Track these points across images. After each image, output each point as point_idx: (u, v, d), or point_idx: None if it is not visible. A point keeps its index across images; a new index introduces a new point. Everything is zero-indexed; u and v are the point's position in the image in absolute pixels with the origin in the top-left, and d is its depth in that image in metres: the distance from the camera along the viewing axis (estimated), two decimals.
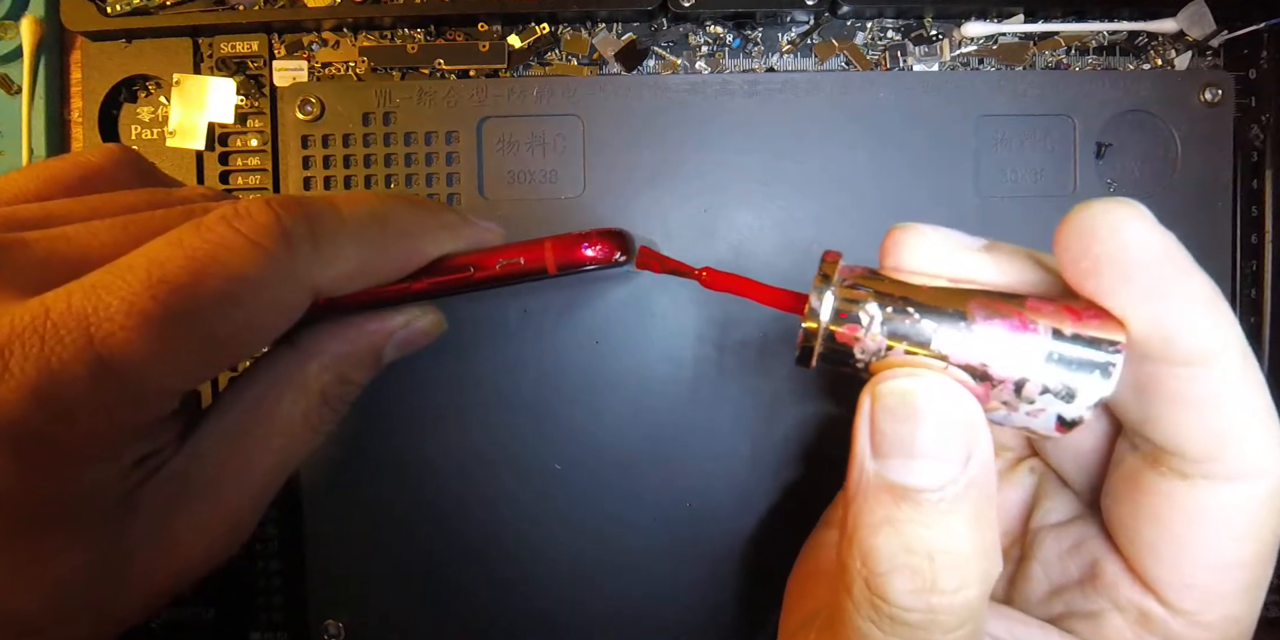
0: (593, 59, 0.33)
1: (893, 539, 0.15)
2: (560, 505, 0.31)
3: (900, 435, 0.15)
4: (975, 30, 0.32)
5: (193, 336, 0.17)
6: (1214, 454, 0.15)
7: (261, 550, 0.32)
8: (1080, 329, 0.15)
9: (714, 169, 0.31)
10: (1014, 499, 0.21)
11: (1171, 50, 0.33)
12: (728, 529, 0.31)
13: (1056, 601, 0.19)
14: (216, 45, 0.32)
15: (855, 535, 0.15)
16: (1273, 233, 0.32)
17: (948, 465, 0.15)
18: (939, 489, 0.15)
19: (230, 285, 0.17)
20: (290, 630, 0.33)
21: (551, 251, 0.20)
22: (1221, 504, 0.15)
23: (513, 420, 0.31)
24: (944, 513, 0.15)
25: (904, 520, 0.15)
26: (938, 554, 0.15)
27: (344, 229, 0.19)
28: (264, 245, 0.18)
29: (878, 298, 0.16)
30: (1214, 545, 0.16)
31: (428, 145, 0.31)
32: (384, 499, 0.31)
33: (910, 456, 0.15)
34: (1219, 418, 0.15)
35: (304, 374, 0.22)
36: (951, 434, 0.15)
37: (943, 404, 0.15)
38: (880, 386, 0.15)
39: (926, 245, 0.17)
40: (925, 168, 0.31)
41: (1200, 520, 0.16)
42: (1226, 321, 0.15)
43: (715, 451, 0.31)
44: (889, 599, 0.15)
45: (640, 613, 0.32)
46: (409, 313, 0.23)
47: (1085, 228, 0.15)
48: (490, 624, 0.31)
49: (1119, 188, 0.31)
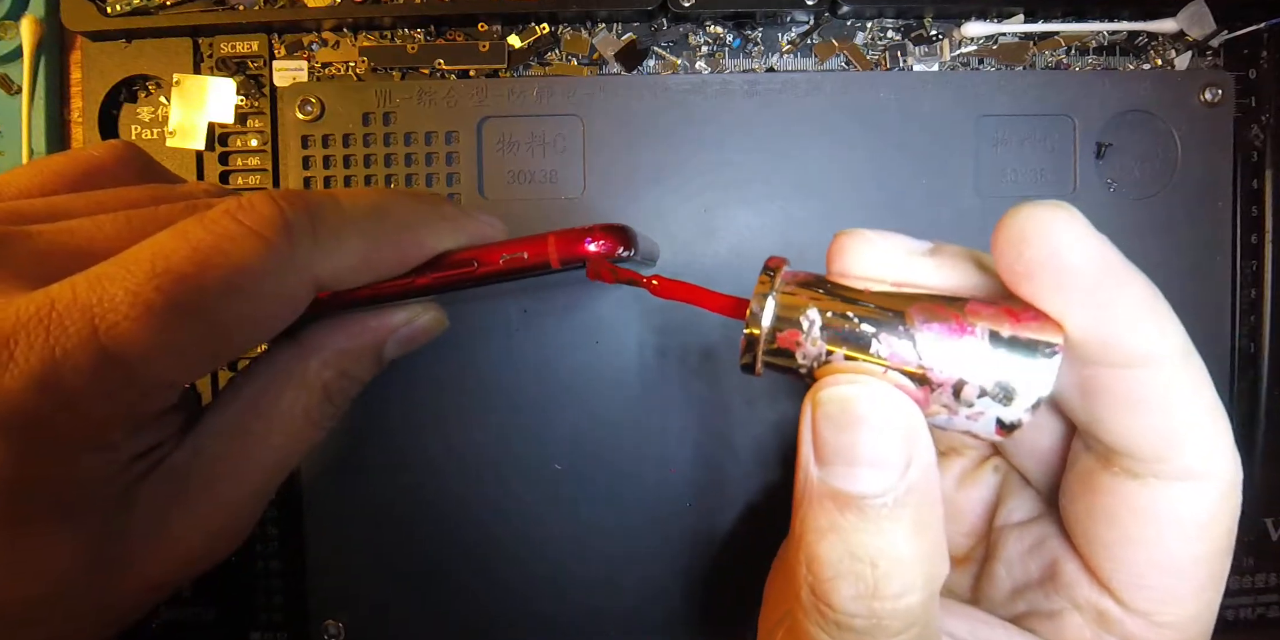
0: (593, 59, 0.33)
1: (837, 546, 0.15)
2: (560, 505, 0.31)
3: (841, 443, 0.15)
4: (975, 30, 0.32)
5: (196, 327, 0.17)
6: (1162, 454, 0.15)
7: (261, 550, 0.32)
8: (1018, 332, 0.15)
9: (714, 169, 0.31)
10: (978, 498, 0.22)
11: (1171, 50, 0.33)
12: (727, 528, 0.31)
13: (1019, 601, 0.19)
14: (216, 45, 0.32)
15: (802, 541, 0.15)
16: (1273, 233, 0.32)
17: (888, 472, 0.15)
18: (880, 495, 0.15)
19: (234, 276, 0.17)
20: (290, 630, 0.33)
21: (555, 246, 0.20)
22: (1173, 504, 0.16)
23: (513, 420, 0.31)
24: (886, 519, 0.15)
25: (847, 527, 0.15)
26: (881, 560, 0.15)
27: (345, 222, 0.19)
28: (267, 237, 0.18)
29: (818, 303, 0.16)
30: (1167, 545, 0.16)
31: (428, 145, 0.31)
32: (384, 499, 0.31)
33: (851, 464, 0.15)
34: (1165, 418, 0.15)
35: (305, 370, 0.22)
36: (891, 440, 0.15)
37: (882, 411, 0.15)
38: (820, 394, 0.15)
39: (872, 250, 0.17)
40: (925, 168, 0.31)
41: (1153, 520, 0.16)
42: (1166, 323, 0.15)
43: (715, 451, 0.31)
44: (834, 605, 0.15)
45: (640, 612, 0.32)
46: (411, 310, 0.23)
47: (1017, 232, 0.15)
48: (490, 623, 0.31)
49: (1119, 188, 0.31)
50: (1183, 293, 0.31)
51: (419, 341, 0.24)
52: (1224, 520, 0.16)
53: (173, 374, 0.18)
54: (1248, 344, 0.32)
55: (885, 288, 0.16)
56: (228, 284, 0.17)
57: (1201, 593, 0.16)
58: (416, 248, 0.21)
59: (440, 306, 0.25)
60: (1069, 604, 0.18)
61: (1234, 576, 0.33)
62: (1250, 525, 0.33)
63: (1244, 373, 0.32)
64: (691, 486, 0.31)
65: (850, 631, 0.15)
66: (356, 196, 0.20)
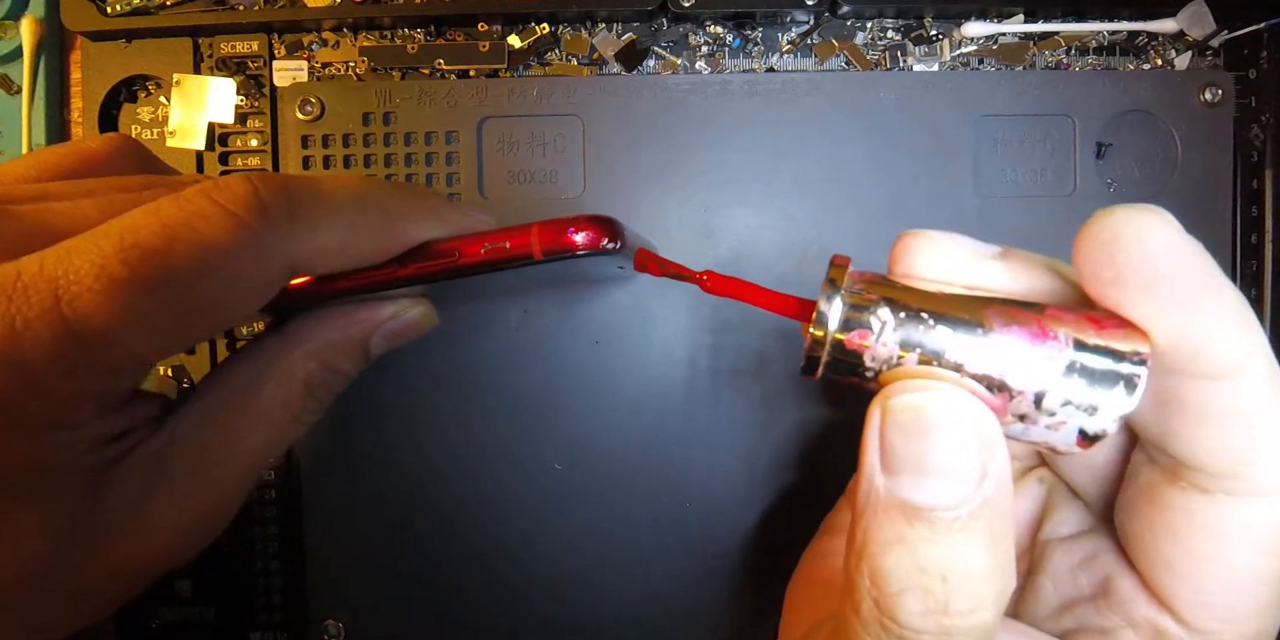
0: (593, 59, 0.33)
1: (904, 559, 0.14)
2: (560, 505, 0.31)
3: (912, 452, 0.14)
4: (975, 30, 0.32)
5: (162, 303, 0.17)
6: (1238, 470, 0.15)
7: (261, 550, 0.33)
8: (1103, 340, 0.14)
9: (714, 169, 0.31)
10: (1022, 510, 0.21)
11: (1171, 50, 0.33)
12: (727, 529, 0.31)
13: (1067, 616, 0.19)
14: (216, 45, 0.32)
15: (864, 553, 0.15)
16: (1273, 233, 0.32)
17: (962, 483, 0.14)
18: (953, 508, 0.14)
19: (202, 253, 0.17)
20: (290, 630, 0.33)
21: (538, 236, 0.19)
22: (1243, 520, 0.15)
23: (513, 420, 0.31)
24: (958, 532, 0.14)
25: (916, 539, 0.14)
26: (951, 574, 0.14)
27: (323, 204, 0.19)
28: (239, 215, 0.18)
29: (890, 303, 0.15)
30: (1234, 562, 0.15)
31: (428, 145, 0.31)
32: (384, 499, 0.31)
33: (923, 474, 0.14)
34: (1245, 433, 0.15)
35: (288, 361, 0.22)
36: (966, 451, 0.14)
37: (958, 419, 0.14)
38: (892, 400, 0.15)
39: (938, 252, 0.16)
40: (925, 168, 0.31)
41: (1221, 536, 0.15)
42: (1254, 334, 0.14)
43: (714, 452, 0.31)
44: (900, 621, 0.14)
45: (640, 612, 0.32)
46: (398, 304, 0.23)
47: (1109, 236, 0.14)
48: (490, 624, 0.31)
49: (1119, 188, 0.31)
50: None
51: (407, 337, 0.24)
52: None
53: (139, 351, 0.18)
54: None
55: (957, 290, 0.16)
56: (196, 260, 0.17)
57: (1265, 612, 0.16)
58: (398, 235, 0.20)
59: (430, 302, 0.24)
60: (1124, 622, 0.17)
61: None
62: None
63: None
64: (692, 486, 0.31)
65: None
66: (338, 181, 0.20)
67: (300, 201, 0.19)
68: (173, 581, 0.33)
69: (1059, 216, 0.31)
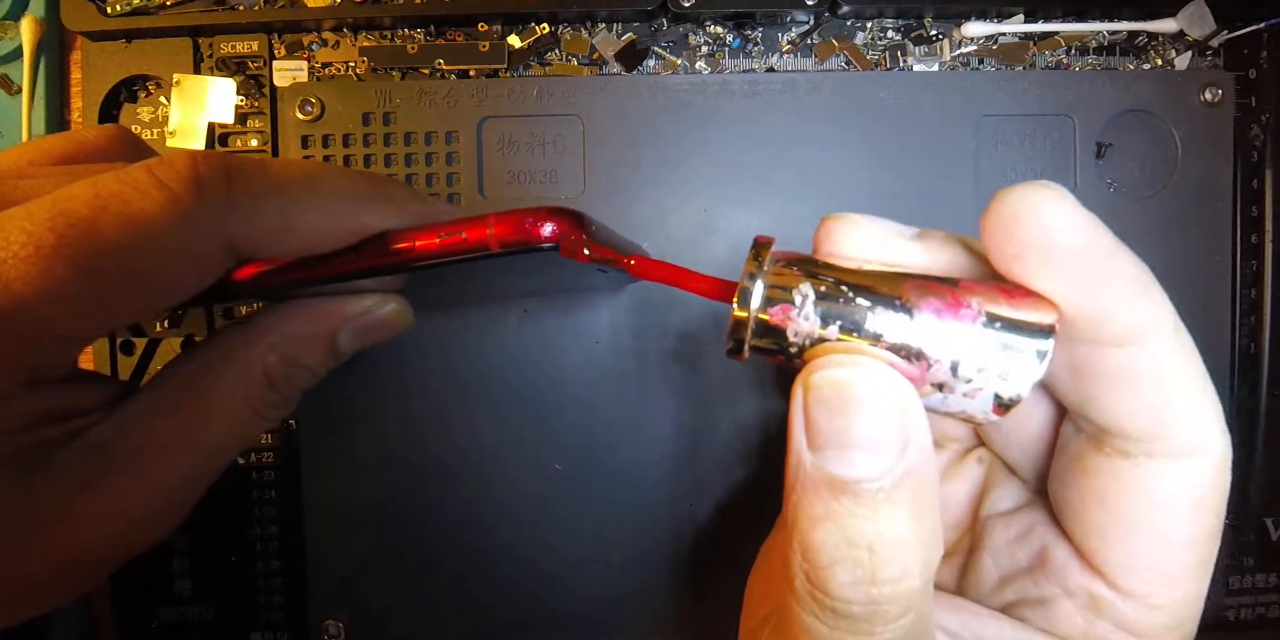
0: (593, 59, 0.33)
1: (833, 532, 0.15)
2: (560, 505, 0.31)
3: (836, 426, 0.15)
4: (975, 30, 0.32)
5: (89, 276, 0.17)
6: (1155, 432, 0.15)
7: (261, 550, 0.33)
8: (1013, 310, 0.15)
9: (714, 169, 0.31)
10: (962, 490, 0.21)
11: (1171, 50, 0.33)
12: (727, 529, 0.31)
13: (1007, 590, 0.19)
14: (216, 45, 0.32)
15: (795, 529, 0.15)
16: (1273, 233, 0.32)
17: (885, 455, 0.15)
18: (877, 479, 0.15)
19: (131, 225, 0.17)
20: (290, 630, 0.33)
21: (494, 228, 0.18)
22: (1166, 482, 0.16)
23: (513, 420, 0.31)
24: (883, 502, 0.15)
25: (843, 513, 0.15)
26: (878, 545, 0.15)
27: (267, 184, 0.19)
28: (173, 189, 0.17)
29: (811, 278, 0.16)
30: (1161, 524, 0.16)
31: (428, 145, 0.31)
32: (384, 499, 0.31)
33: (846, 448, 0.15)
34: (1157, 395, 0.15)
35: (247, 352, 0.21)
36: (888, 423, 0.15)
37: (878, 392, 0.15)
38: (813, 377, 0.15)
39: (859, 233, 0.17)
40: (925, 168, 0.31)
41: (1146, 499, 0.16)
42: (1156, 300, 0.15)
43: (715, 452, 0.31)
44: (830, 592, 0.15)
45: (640, 611, 0.32)
46: (371, 299, 0.23)
47: (1007, 214, 0.15)
48: (490, 623, 0.31)
49: (1119, 188, 0.31)
50: (1183, 293, 0.31)
51: (379, 335, 0.23)
52: (1216, 497, 0.16)
53: (64, 326, 0.17)
54: (1248, 344, 0.32)
55: (876, 267, 0.16)
56: (124, 232, 0.17)
57: (1194, 573, 0.16)
58: (350, 221, 0.20)
59: (405, 300, 0.24)
60: (1060, 590, 0.18)
61: (1234, 576, 0.33)
62: (1250, 525, 0.33)
63: (1244, 373, 0.32)
64: (691, 487, 0.31)
65: (847, 618, 0.15)
66: (289, 164, 0.20)
67: (242, 179, 0.18)
68: (173, 581, 0.33)
69: None
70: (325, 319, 0.22)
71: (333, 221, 0.19)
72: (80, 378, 0.21)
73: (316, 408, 0.31)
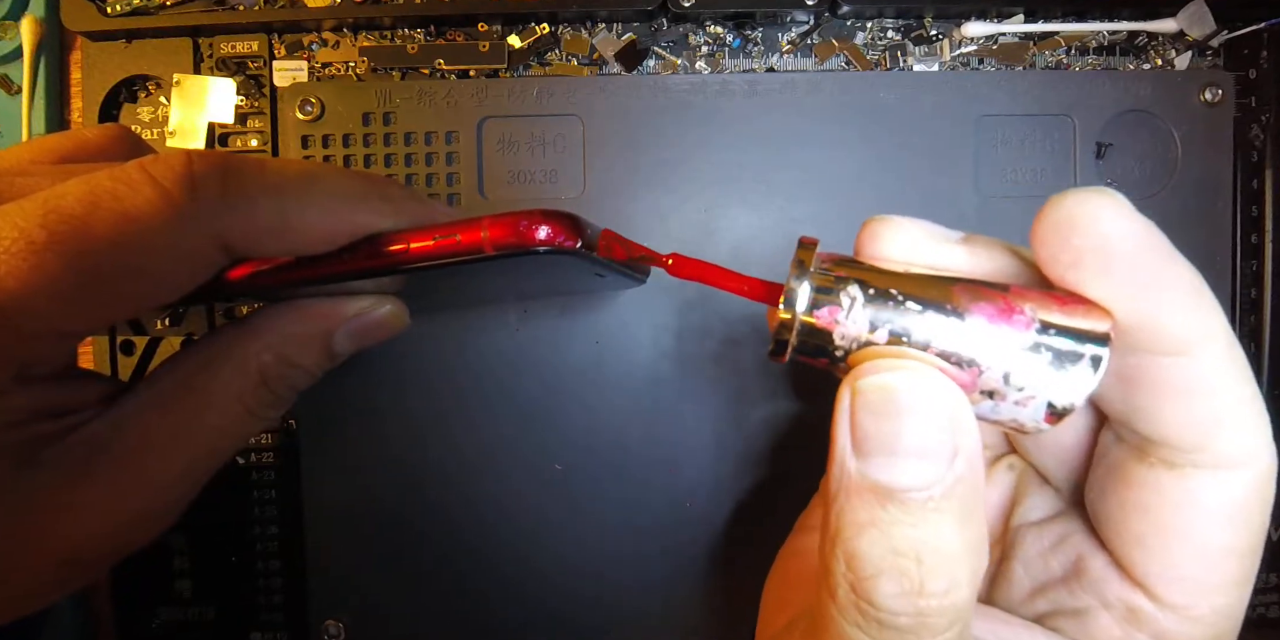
0: (593, 59, 0.33)
1: (878, 541, 0.14)
2: (560, 505, 0.31)
3: (884, 433, 0.14)
4: (975, 30, 0.32)
5: (80, 272, 0.17)
6: (1202, 443, 0.15)
7: (261, 550, 0.33)
8: (1067, 318, 0.15)
9: (714, 169, 0.31)
10: (993, 497, 0.21)
11: (1171, 50, 0.33)
12: (727, 529, 0.31)
13: (1040, 600, 0.19)
14: (216, 45, 0.32)
15: (838, 537, 0.15)
16: (1273, 233, 0.32)
17: (935, 464, 0.14)
18: (925, 488, 0.14)
19: (124, 223, 0.17)
20: (290, 630, 0.33)
21: (489, 230, 0.18)
22: (1211, 493, 0.15)
23: (513, 420, 0.31)
24: (931, 511, 0.14)
25: (890, 522, 0.14)
26: (926, 555, 0.14)
27: (263, 183, 0.18)
28: (166, 187, 0.17)
29: (858, 282, 0.15)
30: (1204, 535, 0.15)
31: (428, 145, 0.31)
32: (384, 499, 0.31)
33: (895, 455, 0.14)
34: (1207, 406, 0.15)
35: (243, 350, 0.21)
36: (938, 430, 0.14)
37: (929, 398, 0.14)
38: (861, 381, 0.15)
39: (904, 236, 0.16)
40: (925, 168, 0.31)
41: (1189, 510, 0.15)
42: (1211, 309, 0.15)
43: (715, 451, 0.31)
44: (876, 603, 0.14)
45: (640, 612, 0.32)
46: (366, 301, 0.22)
47: (1063, 220, 0.14)
48: (490, 623, 0.31)
49: (1119, 188, 0.31)
50: None
51: (375, 336, 0.23)
52: (1261, 508, 0.15)
53: (55, 321, 0.17)
54: (1248, 344, 0.32)
55: (922, 271, 0.16)
56: (117, 229, 0.17)
57: (1236, 584, 0.16)
58: (346, 220, 0.19)
59: (400, 302, 0.23)
60: (1097, 601, 0.17)
61: None
62: None
63: None
64: (692, 486, 0.31)
65: (893, 630, 0.15)
66: (286, 163, 0.20)
67: (237, 177, 0.18)
68: (173, 581, 0.33)
69: None
70: (321, 320, 0.22)
71: (329, 221, 0.19)
72: (76, 375, 0.21)
73: (316, 408, 0.31)
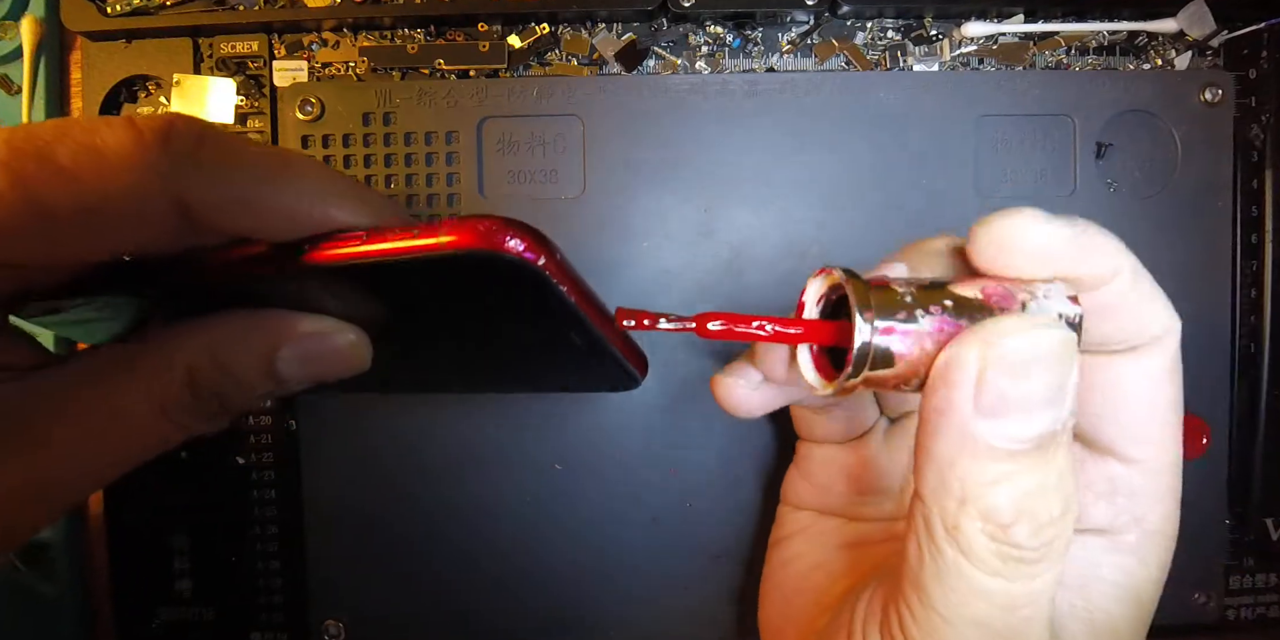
0: (593, 59, 0.33)
1: (1012, 492, 0.15)
2: (560, 505, 0.31)
3: (1021, 391, 0.15)
4: (975, 30, 0.32)
5: (28, 194, 0.16)
6: (1133, 334, 0.18)
7: (261, 550, 0.32)
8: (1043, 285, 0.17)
9: (714, 169, 0.31)
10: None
11: (1171, 50, 0.33)
12: (727, 529, 0.31)
13: None
14: (216, 45, 0.32)
15: (967, 499, 0.16)
16: (1273, 233, 0.32)
17: (1059, 408, 0.16)
18: (1054, 434, 0.16)
19: (87, 153, 0.16)
20: (290, 630, 0.33)
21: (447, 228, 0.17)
22: (1147, 364, 0.18)
23: (513, 420, 0.31)
24: (1055, 449, 0.16)
25: (1021, 471, 0.15)
26: (1051, 488, 0.16)
27: (235, 152, 0.18)
28: (140, 130, 0.17)
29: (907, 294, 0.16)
30: (1149, 396, 0.19)
31: (428, 145, 0.31)
32: (384, 499, 0.31)
33: (1029, 410, 0.15)
34: (1128, 310, 0.18)
35: (176, 345, 0.19)
36: (1067, 378, 0.16)
37: (1056, 349, 0.16)
38: (999, 343, 0.15)
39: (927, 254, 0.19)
40: (925, 168, 0.31)
41: (1135, 381, 0.19)
42: (1111, 245, 0.17)
43: (715, 451, 0.31)
44: (1022, 544, 0.16)
45: (640, 612, 0.32)
46: (325, 322, 0.21)
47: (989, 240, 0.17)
48: (490, 623, 0.31)
49: (1119, 188, 0.31)
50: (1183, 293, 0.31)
51: (329, 367, 0.21)
52: (1178, 365, 0.19)
53: None
54: (1248, 344, 0.32)
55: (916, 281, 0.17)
56: (77, 160, 0.16)
57: (1174, 436, 0.19)
58: (317, 210, 0.18)
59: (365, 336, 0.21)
60: (1083, 486, 0.19)
61: (1234, 576, 0.33)
62: (1250, 525, 0.33)
63: (1244, 373, 0.32)
64: (692, 487, 0.31)
65: (1028, 564, 0.16)
66: (271, 147, 0.19)
67: (214, 144, 0.18)
68: (173, 581, 0.33)
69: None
70: (268, 330, 0.20)
71: (300, 207, 0.18)
72: (9, 334, 0.20)
73: (316, 408, 0.31)
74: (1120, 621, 0.19)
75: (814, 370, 0.18)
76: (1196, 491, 0.32)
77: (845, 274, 0.17)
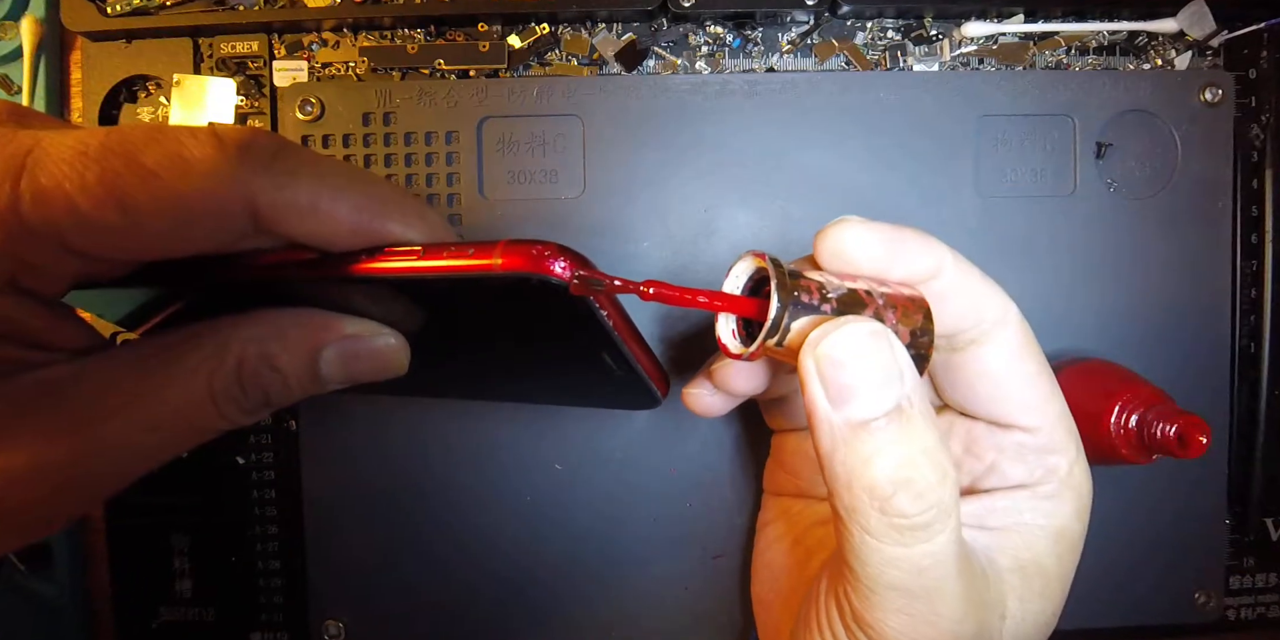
0: (593, 59, 0.33)
1: (885, 465, 0.17)
2: (561, 505, 0.31)
3: (852, 377, 0.18)
4: (975, 30, 0.32)
5: (113, 191, 0.17)
6: (976, 323, 0.21)
7: (261, 550, 0.33)
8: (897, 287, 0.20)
9: (714, 169, 0.31)
10: None
11: (1171, 50, 0.33)
12: (727, 529, 0.31)
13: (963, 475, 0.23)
14: (216, 45, 0.32)
15: (853, 479, 0.18)
16: (1273, 233, 0.32)
17: (897, 383, 0.18)
18: (897, 405, 0.18)
19: (173, 160, 0.17)
20: (290, 630, 0.33)
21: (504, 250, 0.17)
22: (1003, 346, 0.21)
23: (513, 420, 0.31)
24: (907, 421, 0.18)
25: (885, 444, 0.18)
26: (921, 456, 0.18)
27: (311, 166, 0.19)
28: (224, 140, 0.18)
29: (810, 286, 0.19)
30: (1014, 374, 0.21)
31: (428, 145, 0.31)
32: (384, 499, 0.31)
33: (865, 391, 0.18)
34: (968, 304, 0.20)
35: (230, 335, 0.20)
36: (889, 359, 0.18)
37: (868, 340, 0.18)
38: (820, 347, 0.18)
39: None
40: (925, 168, 0.31)
41: (1002, 362, 0.21)
42: (934, 245, 0.20)
43: (715, 450, 0.31)
44: (907, 513, 0.17)
45: (640, 612, 0.32)
46: (366, 324, 0.21)
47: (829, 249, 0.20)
48: (490, 623, 0.31)
49: (1119, 188, 0.31)
50: (1183, 293, 0.31)
51: (368, 367, 0.22)
52: (1031, 337, 0.21)
53: (68, 233, 0.17)
54: (1248, 344, 0.32)
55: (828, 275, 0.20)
56: (163, 163, 0.17)
57: (1053, 394, 0.22)
58: (375, 223, 0.19)
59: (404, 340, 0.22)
60: (996, 454, 0.22)
61: (1234, 576, 0.33)
62: (1250, 525, 0.33)
63: (1244, 373, 0.32)
64: (691, 487, 0.31)
65: (923, 529, 0.18)
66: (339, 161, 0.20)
67: (287, 155, 0.19)
68: (173, 581, 0.33)
69: (1059, 216, 0.31)
70: (315, 328, 0.21)
71: (360, 217, 0.19)
72: (64, 315, 0.20)
73: (316, 408, 0.31)
74: (1045, 557, 0.21)
75: (733, 337, 0.20)
76: (1196, 491, 0.32)
77: (771, 261, 0.18)
